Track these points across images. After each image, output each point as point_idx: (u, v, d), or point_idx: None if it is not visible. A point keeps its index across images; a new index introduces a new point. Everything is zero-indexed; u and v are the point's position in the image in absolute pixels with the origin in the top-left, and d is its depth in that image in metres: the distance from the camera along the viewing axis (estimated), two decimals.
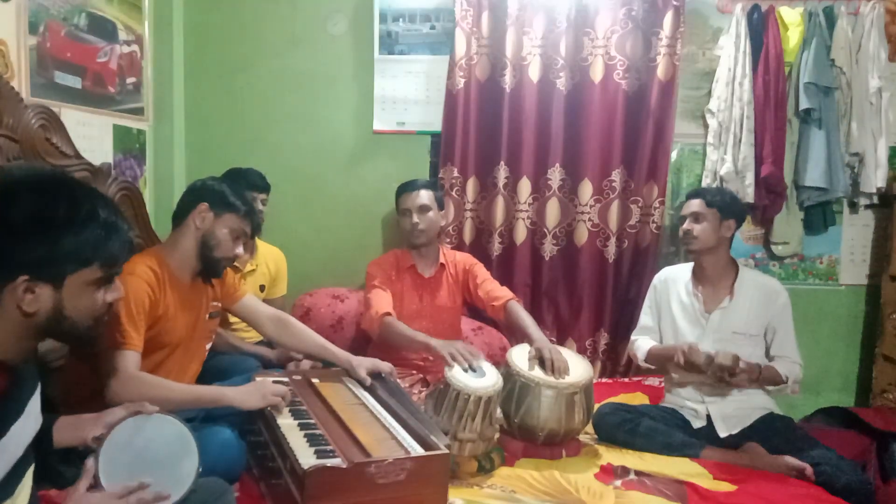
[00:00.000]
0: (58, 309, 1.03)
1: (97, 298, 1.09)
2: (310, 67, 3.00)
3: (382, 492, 1.46)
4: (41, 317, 1.02)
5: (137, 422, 1.24)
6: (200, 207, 1.86)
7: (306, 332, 2.14)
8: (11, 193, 1.01)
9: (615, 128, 2.90)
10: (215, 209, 1.87)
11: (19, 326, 1.02)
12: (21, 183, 1.03)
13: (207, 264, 1.89)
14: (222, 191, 1.90)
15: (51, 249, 1.00)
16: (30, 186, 1.03)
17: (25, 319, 1.01)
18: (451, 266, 2.64)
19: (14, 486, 1.05)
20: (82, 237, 1.03)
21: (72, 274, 1.03)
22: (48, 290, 1.02)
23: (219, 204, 1.88)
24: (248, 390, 1.75)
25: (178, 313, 1.84)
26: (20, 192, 1.01)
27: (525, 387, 2.02)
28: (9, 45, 1.97)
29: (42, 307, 1.01)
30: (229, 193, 1.90)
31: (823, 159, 2.84)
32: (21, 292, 0.99)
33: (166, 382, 1.71)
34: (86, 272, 1.05)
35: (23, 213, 1.00)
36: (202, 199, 1.87)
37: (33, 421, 1.11)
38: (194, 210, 1.87)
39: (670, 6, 2.82)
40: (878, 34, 2.84)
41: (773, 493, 1.83)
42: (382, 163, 3.04)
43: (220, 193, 1.90)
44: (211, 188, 1.91)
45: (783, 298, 2.25)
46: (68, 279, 1.03)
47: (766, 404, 2.23)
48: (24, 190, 1.02)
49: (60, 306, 1.03)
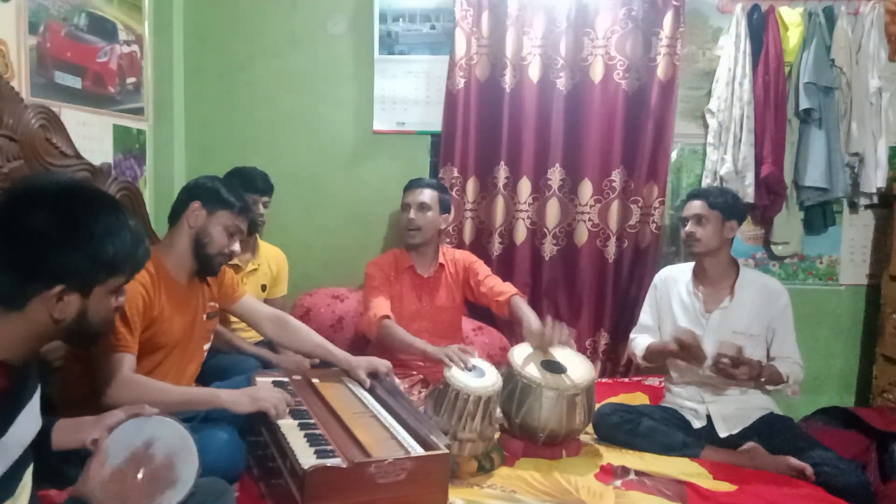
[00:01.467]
0: (82, 314, 1.06)
1: (112, 304, 1.12)
2: (310, 67, 3.00)
3: (382, 492, 1.46)
4: (66, 322, 1.05)
5: (136, 423, 1.24)
6: (193, 206, 1.86)
7: (305, 332, 2.14)
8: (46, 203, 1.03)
9: (615, 128, 2.90)
10: (208, 207, 1.87)
11: (41, 331, 1.04)
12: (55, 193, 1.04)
13: (202, 262, 1.89)
14: (215, 188, 1.90)
15: (90, 259, 1.03)
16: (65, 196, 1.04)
17: (52, 325, 1.04)
18: (451, 265, 2.64)
19: (14, 486, 1.05)
20: (117, 247, 1.06)
21: (102, 283, 1.06)
22: (77, 297, 1.04)
23: (211, 201, 1.87)
24: (241, 393, 1.74)
25: (173, 314, 1.83)
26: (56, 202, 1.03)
27: (526, 387, 2.02)
28: (9, 45, 1.97)
29: (68, 314, 1.04)
30: (222, 190, 1.90)
31: (823, 159, 2.84)
32: (55, 301, 1.02)
33: (161, 384, 1.71)
34: (114, 280, 1.08)
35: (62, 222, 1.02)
36: (195, 198, 1.87)
37: (33, 422, 1.11)
38: (187, 209, 1.87)
39: (670, 6, 2.82)
40: (878, 34, 2.84)
41: (773, 493, 1.83)
42: (382, 163, 3.04)
43: (213, 190, 1.89)
44: (203, 186, 1.91)
45: (784, 299, 2.25)
46: (96, 289, 1.06)
47: (766, 404, 2.23)
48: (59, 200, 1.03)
49: (85, 313, 1.06)
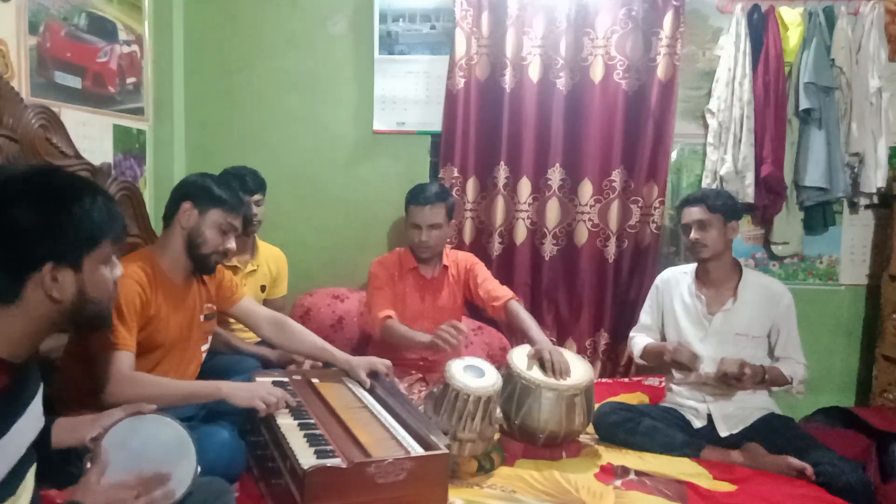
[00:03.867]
0: (81, 292, 1.07)
1: (108, 276, 1.12)
2: (310, 67, 3.00)
3: (382, 492, 1.46)
4: (67, 303, 1.06)
5: (133, 423, 1.23)
6: (184, 207, 1.85)
7: (305, 334, 2.13)
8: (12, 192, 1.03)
9: (615, 128, 2.90)
10: (199, 206, 1.85)
11: (43, 319, 1.05)
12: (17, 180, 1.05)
13: (197, 262, 1.88)
14: (206, 186, 1.88)
15: (67, 233, 1.04)
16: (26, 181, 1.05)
17: (54, 307, 1.05)
18: (454, 266, 2.64)
19: (16, 486, 1.05)
20: (92, 216, 1.07)
21: (88, 254, 1.07)
22: (70, 274, 1.05)
23: (203, 200, 1.86)
24: (242, 387, 1.74)
25: (170, 314, 1.83)
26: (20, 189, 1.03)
27: (526, 388, 2.02)
28: (9, 45, 1.97)
29: (67, 292, 1.05)
30: (214, 187, 1.87)
31: (823, 159, 2.84)
32: (49, 281, 1.03)
33: (162, 380, 1.71)
34: (99, 250, 1.09)
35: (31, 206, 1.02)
36: (186, 198, 1.86)
37: (35, 420, 1.11)
38: (179, 210, 1.86)
39: (670, 6, 2.82)
40: (878, 34, 2.83)
41: (773, 493, 1.83)
42: (382, 163, 3.04)
43: (204, 189, 1.87)
44: (194, 184, 1.89)
45: (787, 300, 2.25)
46: (85, 260, 1.07)
47: (766, 404, 2.23)
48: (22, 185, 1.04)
49: (84, 289, 1.07)
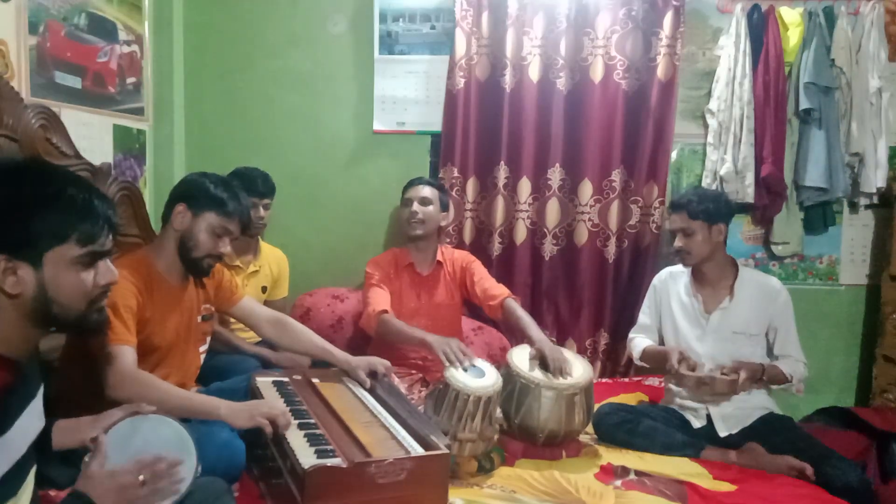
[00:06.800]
0: (41, 289, 1.04)
1: (84, 280, 1.08)
2: (310, 67, 3.00)
3: (382, 492, 1.46)
4: (27, 298, 1.03)
5: (134, 422, 1.23)
6: (178, 208, 1.83)
7: (305, 334, 2.13)
8: None
9: (615, 128, 2.90)
10: (193, 208, 1.82)
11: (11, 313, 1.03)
12: None
13: (189, 265, 1.85)
14: (203, 187, 1.84)
15: (23, 227, 1.02)
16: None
17: (12, 303, 1.03)
18: (449, 264, 2.65)
19: (17, 486, 1.05)
20: (53, 213, 1.04)
21: (48, 251, 1.04)
22: (29, 270, 1.03)
23: (198, 202, 1.82)
24: (240, 408, 1.68)
25: (166, 315, 1.82)
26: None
27: (525, 388, 2.02)
28: (9, 45, 1.97)
29: (25, 288, 1.03)
30: (211, 189, 1.83)
31: (823, 159, 2.84)
32: (2, 274, 1.01)
33: (165, 385, 1.69)
34: (62, 249, 1.05)
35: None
36: (181, 199, 1.84)
37: (37, 420, 1.11)
38: (173, 211, 1.84)
39: (670, 6, 2.82)
40: (878, 34, 2.84)
41: (773, 493, 1.83)
42: (382, 163, 3.04)
43: (201, 190, 1.84)
44: (190, 185, 1.87)
45: (783, 297, 2.25)
46: (46, 257, 1.04)
47: (766, 404, 2.23)
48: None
49: (43, 287, 1.04)
